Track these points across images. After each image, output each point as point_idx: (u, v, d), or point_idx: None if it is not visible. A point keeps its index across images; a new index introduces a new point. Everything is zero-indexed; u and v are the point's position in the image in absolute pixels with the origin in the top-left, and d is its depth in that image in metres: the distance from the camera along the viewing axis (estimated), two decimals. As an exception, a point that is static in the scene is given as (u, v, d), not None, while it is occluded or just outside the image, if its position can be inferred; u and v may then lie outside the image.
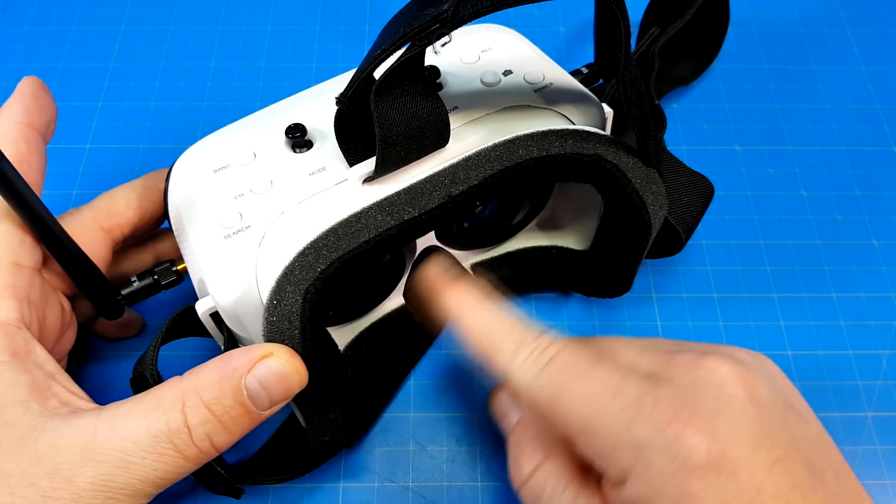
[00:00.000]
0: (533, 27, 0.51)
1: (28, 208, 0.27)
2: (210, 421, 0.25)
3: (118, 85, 0.48)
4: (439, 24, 0.25)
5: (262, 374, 0.25)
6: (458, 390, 0.37)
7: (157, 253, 0.36)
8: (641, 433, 0.23)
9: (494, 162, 0.29)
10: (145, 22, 0.51)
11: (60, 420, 0.25)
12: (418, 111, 0.28)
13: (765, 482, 0.22)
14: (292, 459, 0.33)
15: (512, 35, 0.37)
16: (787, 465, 0.23)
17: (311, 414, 0.29)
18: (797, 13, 0.52)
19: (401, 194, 0.28)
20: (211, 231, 0.29)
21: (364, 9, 0.53)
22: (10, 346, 0.26)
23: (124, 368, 0.37)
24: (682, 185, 0.36)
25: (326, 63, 0.50)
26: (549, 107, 0.33)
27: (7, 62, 0.49)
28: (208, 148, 0.32)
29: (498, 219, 0.37)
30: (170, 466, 0.25)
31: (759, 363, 0.26)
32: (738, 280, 0.40)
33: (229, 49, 0.50)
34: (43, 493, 0.24)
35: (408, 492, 0.34)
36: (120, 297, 0.32)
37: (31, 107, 0.29)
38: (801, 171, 0.44)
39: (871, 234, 0.42)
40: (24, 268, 0.28)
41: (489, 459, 0.35)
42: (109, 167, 0.44)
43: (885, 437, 0.35)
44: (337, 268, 0.26)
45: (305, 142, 0.31)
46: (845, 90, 0.48)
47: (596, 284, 0.37)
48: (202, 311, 0.29)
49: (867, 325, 0.39)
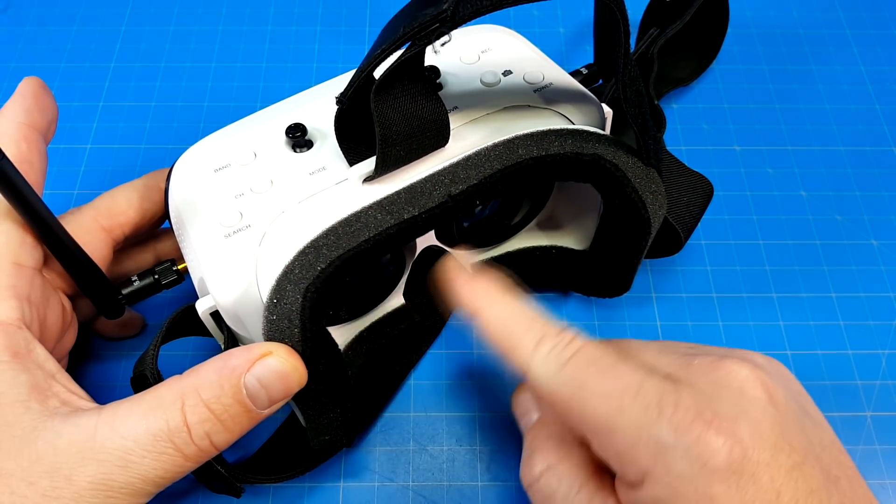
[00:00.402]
0: (533, 28, 0.51)
1: (29, 208, 0.27)
2: (209, 419, 0.25)
3: (119, 85, 0.48)
4: (439, 23, 0.25)
5: (262, 373, 0.26)
6: (458, 390, 0.37)
7: (158, 252, 0.36)
8: (663, 434, 0.23)
9: (494, 161, 0.29)
10: (146, 22, 0.52)
11: (60, 419, 0.26)
12: (418, 111, 0.28)
13: (784, 487, 0.22)
14: (292, 459, 0.33)
15: (512, 35, 0.37)
16: (804, 470, 0.23)
17: (310, 413, 0.29)
18: (797, 14, 0.52)
19: (401, 193, 0.28)
20: (211, 230, 0.29)
21: (364, 10, 0.53)
22: (11, 346, 0.26)
23: (125, 368, 0.37)
24: (681, 184, 0.36)
25: (327, 64, 0.50)
26: (549, 107, 0.33)
27: (8, 62, 0.49)
28: (209, 147, 0.32)
29: (498, 219, 0.37)
30: (169, 465, 0.25)
31: (775, 368, 0.26)
32: (737, 280, 0.40)
33: (230, 49, 0.50)
34: (43, 493, 0.24)
35: (408, 491, 0.34)
36: (121, 296, 0.32)
37: (32, 107, 0.29)
38: (800, 171, 0.45)
39: (870, 235, 0.42)
40: (25, 267, 0.28)
41: (489, 459, 0.35)
42: (110, 167, 0.44)
43: (885, 436, 0.35)
44: (337, 266, 0.27)
45: (306, 141, 0.31)
46: (845, 90, 0.48)
47: (595, 284, 0.37)
48: (202, 310, 0.29)
49: (866, 325, 0.39)
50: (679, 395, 0.24)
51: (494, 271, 0.31)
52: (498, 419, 0.36)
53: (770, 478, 0.22)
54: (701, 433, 0.23)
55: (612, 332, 0.39)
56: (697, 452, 0.23)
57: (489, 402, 0.36)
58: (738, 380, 0.24)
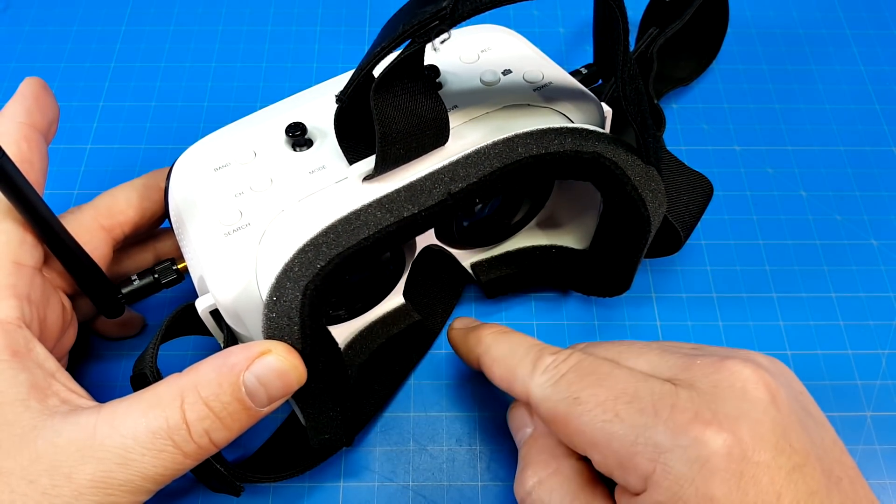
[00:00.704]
0: (533, 28, 0.51)
1: (30, 207, 0.27)
2: (208, 417, 0.25)
3: (119, 85, 0.48)
4: (438, 20, 0.25)
5: (261, 371, 0.26)
6: (458, 390, 0.37)
7: (158, 252, 0.36)
8: (660, 437, 0.23)
9: (494, 159, 0.29)
10: (146, 22, 0.52)
11: (60, 418, 0.26)
12: (418, 109, 0.28)
13: (784, 489, 0.22)
14: (292, 458, 0.33)
15: (511, 35, 0.37)
16: (805, 472, 0.23)
17: (310, 411, 0.29)
18: (796, 14, 0.52)
19: (400, 192, 0.28)
20: (211, 228, 0.29)
21: (364, 10, 0.53)
22: (11, 345, 0.27)
23: (125, 367, 0.37)
24: (681, 183, 0.36)
25: (327, 64, 0.50)
26: (549, 105, 0.33)
27: (8, 62, 0.49)
28: (209, 147, 0.32)
29: (497, 218, 0.37)
30: (169, 463, 0.25)
31: (778, 368, 0.26)
32: (737, 280, 0.40)
33: (230, 50, 0.50)
34: (43, 491, 0.24)
35: (408, 491, 0.34)
36: (120, 295, 0.32)
37: (32, 107, 0.30)
38: (800, 171, 0.45)
39: (870, 234, 0.42)
40: (25, 267, 0.28)
41: (489, 459, 0.35)
42: (110, 167, 0.44)
43: (885, 436, 0.35)
44: (336, 264, 0.27)
45: (305, 140, 0.31)
46: (844, 90, 0.48)
47: (595, 283, 0.37)
48: (202, 308, 0.29)
49: (866, 324, 0.39)
50: (676, 397, 0.24)
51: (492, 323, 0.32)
52: (498, 419, 0.36)
53: (770, 479, 0.22)
54: (699, 433, 0.23)
55: (612, 331, 0.39)
56: (696, 453, 0.23)
57: (489, 402, 0.36)
58: (740, 380, 0.24)
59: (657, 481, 0.23)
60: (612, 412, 0.25)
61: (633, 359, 0.27)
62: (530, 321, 0.39)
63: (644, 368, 0.26)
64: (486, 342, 0.31)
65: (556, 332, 0.38)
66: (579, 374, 0.26)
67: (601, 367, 0.26)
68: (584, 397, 0.25)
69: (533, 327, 0.39)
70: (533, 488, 0.27)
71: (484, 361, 0.30)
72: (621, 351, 0.28)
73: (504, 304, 0.39)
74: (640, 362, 0.27)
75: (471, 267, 0.38)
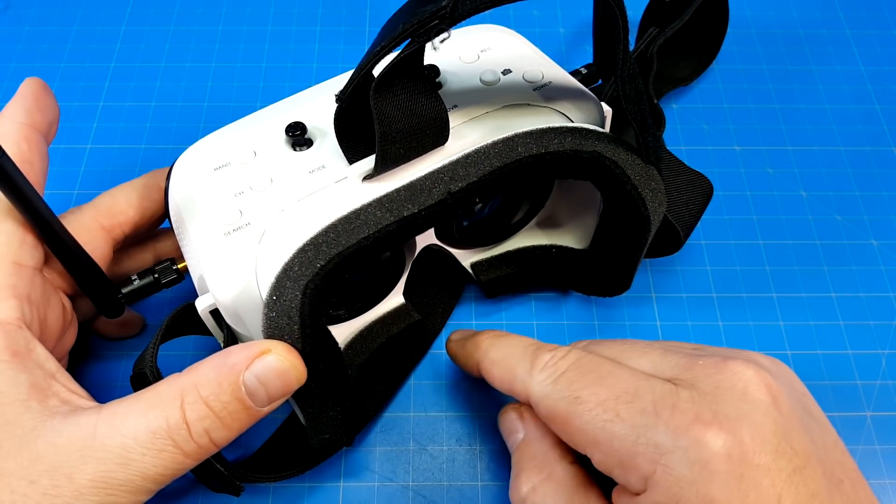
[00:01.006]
0: (532, 28, 0.51)
1: (30, 207, 0.27)
2: (208, 417, 0.25)
3: (119, 85, 0.48)
4: (438, 19, 0.25)
5: (260, 371, 0.26)
6: (458, 390, 0.37)
7: (158, 252, 0.36)
8: (661, 437, 0.23)
9: (494, 159, 0.29)
10: (146, 22, 0.52)
11: (60, 418, 0.26)
12: (418, 108, 0.28)
13: (785, 491, 0.22)
14: (292, 457, 0.33)
15: (511, 35, 0.37)
16: (805, 475, 0.23)
17: (310, 411, 0.29)
18: (796, 14, 0.52)
19: (400, 191, 0.28)
20: (211, 228, 0.29)
21: (364, 10, 0.53)
22: (11, 346, 0.26)
23: (125, 368, 0.37)
24: (681, 183, 0.36)
25: (327, 64, 0.50)
26: (548, 105, 0.33)
27: (8, 62, 0.49)
28: (209, 146, 0.32)
29: (497, 217, 0.37)
30: (169, 462, 0.25)
31: (779, 369, 0.26)
32: (737, 280, 0.40)
33: (230, 50, 0.50)
34: (43, 491, 0.24)
35: (408, 491, 0.34)
36: (120, 295, 0.32)
37: (32, 107, 0.30)
38: (800, 171, 0.45)
39: (870, 234, 0.42)
40: (26, 267, 0.28)
41: (489, 459, 0.35)
42: (110, 167, 0.44)
43: (884, 436, 0.35)
44: (336, 264, 0.27)
45: (305, 140, 0.31)
46: (844, 90, 0.48)
47: (595, 283, 0.37)
48: (202, 307, 0.29)
49: (866, 324, 0.39)
50: (677, 398, 0.24)
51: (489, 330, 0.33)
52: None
53: (771, 482, 0.22)
54: (699, 434, 0.23)
55: (612, 331, 0.39)
56: (696, 454, 0.23)
57: (489, 402, 0.36)
58: (742, 381, 0.24)
59: (658, 482, 0.23)
60: (614, 412, 0.24)
61: (635, 358, 0.27)
62: (530, 321, 0.39)
63: (646, 368, 0.26)
64: (483, 347, 0.31)
65: (556, 332, 0.38)
66: (579, 372, 0.26)
67: (602, 366, 0.26)
68: (585, 396, 0.25)
69: (533, 327, 0.39)
70: (528, 495, 0.27)
71: (483, 365, 0.30)
72: (623, 350, 0.28)
73: (504, 304, 0.39)
74: (642, 362, 0.27)
75: (471, 267, 0.38)
